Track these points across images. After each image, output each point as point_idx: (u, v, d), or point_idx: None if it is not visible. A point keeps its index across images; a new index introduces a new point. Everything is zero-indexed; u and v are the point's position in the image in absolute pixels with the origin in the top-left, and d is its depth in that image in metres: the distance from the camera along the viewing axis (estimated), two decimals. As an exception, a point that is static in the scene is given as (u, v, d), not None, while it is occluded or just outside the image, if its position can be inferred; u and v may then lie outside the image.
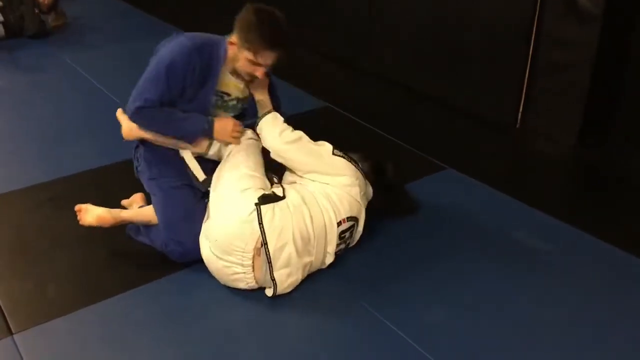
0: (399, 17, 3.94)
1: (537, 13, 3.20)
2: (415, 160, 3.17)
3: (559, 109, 3.29)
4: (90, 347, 2.03)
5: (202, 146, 2.42)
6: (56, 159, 3.14)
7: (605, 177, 3.10)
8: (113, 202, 2.60)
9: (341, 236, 2.31)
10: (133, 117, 2.38)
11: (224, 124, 2.37)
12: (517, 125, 3.47)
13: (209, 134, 2.37)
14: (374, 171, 2.53)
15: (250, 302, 2.21)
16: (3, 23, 4.67)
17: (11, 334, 2.05)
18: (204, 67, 2.31)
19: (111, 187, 2.87)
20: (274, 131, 2.37)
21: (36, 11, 4.82)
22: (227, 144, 2.41)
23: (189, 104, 2.36)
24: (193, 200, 2.37)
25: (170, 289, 2.27)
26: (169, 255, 2.35)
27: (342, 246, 2.36)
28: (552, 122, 3.34)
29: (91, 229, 2.45)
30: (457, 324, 2.12)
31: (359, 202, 2.36)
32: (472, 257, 2.47)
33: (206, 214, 2.29)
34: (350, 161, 2.39)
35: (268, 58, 2.27)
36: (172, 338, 2.06)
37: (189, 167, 2.43)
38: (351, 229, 2.36)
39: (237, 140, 2.39)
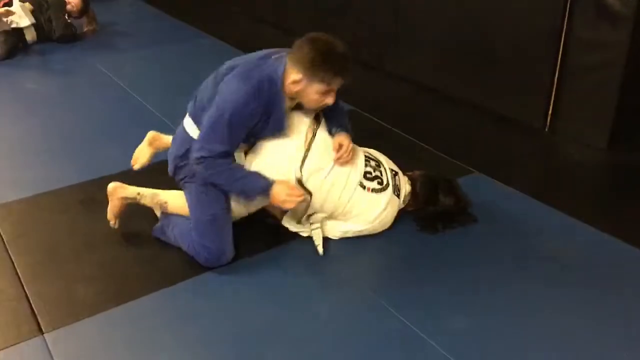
0: (424, 19, 3.93)
1: (566, 14, 3.15)
2: (442, 163, 3.15)
3: (589, 111, 3.24)
4: (118, 347, 2.05)
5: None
6: (86, 161, 3.19)
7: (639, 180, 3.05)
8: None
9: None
10: (196, 164, 2.34)
11: (281, 188, 2.32)
12: (546, 129, 3.43)
13: (266, 196, 2.35)
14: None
15: (275, 303, 2.22)
16: (34, 25, 4.74)
17: (42, 333, 2.09)
18: (265, 106, 2.31)
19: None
20: None
21: (64, 16, 4.89)
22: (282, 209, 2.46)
23: (263, 132, 2.39)
24: (223, 206, 2.39)
25: (197, 290, 2.29)
26: (195, 258, 2.37)
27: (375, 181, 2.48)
28: (582, 125, 3.29)
29: (121, 231, 2.52)
30: (480, 331, 2.10)
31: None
32: (499, 262, 2.45)
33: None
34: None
35: (339, 83, 2.33)
36: (198, 339, 2.08)
37: None
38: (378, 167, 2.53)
39: (290, 204, 2.35)
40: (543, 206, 2.79)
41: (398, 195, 2.54)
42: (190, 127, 2.46)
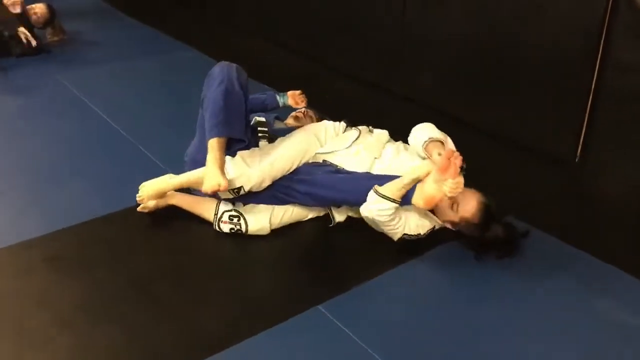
0: (435, 34, 3.54)
1: (603, 34, 2.79)
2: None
3: (627, 141, 2.88)
4: None
5: None
6: (51, 205, 2.73)
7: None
8: (123, 261, 2.33)
9: None
10: None
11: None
12: (576, 159, 3.07)
13: None
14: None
15: None
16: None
17: None
18: None
19: (119, 241, 2.50)
20: None
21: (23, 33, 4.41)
22: None
23: None
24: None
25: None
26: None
27: None
28: (618, 156, 2.93)
29: (98, 301, 2.15)
30: None
31: None
32: (530, 323, 2.15)
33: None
34: None
35: None
36: None
37: None
38: None
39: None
40: (571, 249, 2.50)
41: None
42: None
